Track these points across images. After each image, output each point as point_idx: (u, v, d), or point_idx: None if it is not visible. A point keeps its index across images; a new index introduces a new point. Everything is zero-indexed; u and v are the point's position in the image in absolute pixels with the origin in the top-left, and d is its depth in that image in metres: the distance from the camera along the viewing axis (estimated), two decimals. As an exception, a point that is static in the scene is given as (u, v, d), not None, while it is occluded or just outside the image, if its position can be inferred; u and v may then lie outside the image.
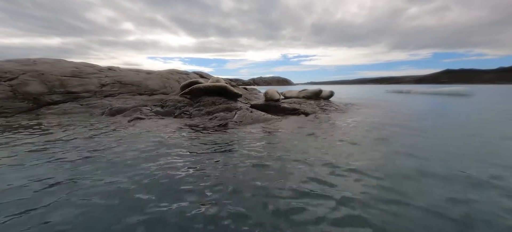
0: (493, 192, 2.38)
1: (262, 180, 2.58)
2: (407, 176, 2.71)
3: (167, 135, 4.72)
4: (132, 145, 3.98)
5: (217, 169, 2.92)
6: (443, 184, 2.51)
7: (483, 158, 3.36)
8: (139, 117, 6.54)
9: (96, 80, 10.20)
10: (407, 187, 2.45)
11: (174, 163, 3.12)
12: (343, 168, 2.90)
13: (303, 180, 2.59)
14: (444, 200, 2.20)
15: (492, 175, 2.73)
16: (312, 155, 3.40)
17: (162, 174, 2.77)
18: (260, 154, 3.50)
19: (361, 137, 4.53)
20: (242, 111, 6.70)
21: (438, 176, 2.71)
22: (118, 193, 2.33)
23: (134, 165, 3.05)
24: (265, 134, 4.86)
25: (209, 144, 4.08)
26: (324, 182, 2.52)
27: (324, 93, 9.69)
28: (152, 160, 3.22)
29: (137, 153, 3.53)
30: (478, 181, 2.58)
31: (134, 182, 2.55)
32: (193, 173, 2.82)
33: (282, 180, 2.60)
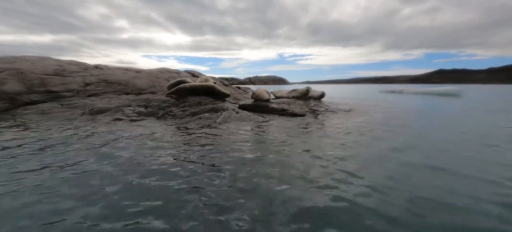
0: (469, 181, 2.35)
1: (235, 188, 2.32)
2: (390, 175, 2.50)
3: (141, 139, 4.42)
4: (98, 153, 3.68)
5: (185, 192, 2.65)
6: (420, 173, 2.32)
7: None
8: (119, 118, 6.21)
9: (80, 79, 9.80)
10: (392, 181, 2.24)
11: (130, 175, 2.84)
12: (326, 171, 2.66)
13: (278, 183, 2.34)
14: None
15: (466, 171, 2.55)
16: (291, 158, 3.16)
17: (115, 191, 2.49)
18: (235, 158, 3.24)
19: (347, 139, 4.30)
20: (228, 112, 6.43)
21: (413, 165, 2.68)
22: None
23: (83, 185, 2.75)
24: (248, 136, 4.59)
25: (184, 149, 3.80)
26: (295, 188, 2.28)
27: (315, 94, 9.46)
28: (110, 177, 2.92)
29: (96, 165, 3.23)
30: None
31: (83, 202, 2.26)
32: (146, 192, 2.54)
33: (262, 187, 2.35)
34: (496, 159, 3.35)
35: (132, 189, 2.41)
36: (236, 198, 2.21)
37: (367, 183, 2.51)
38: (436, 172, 2.89)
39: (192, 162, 3.14)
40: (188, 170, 2.87)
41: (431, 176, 2.78)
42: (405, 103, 12.91)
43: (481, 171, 2.89)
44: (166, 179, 2.60)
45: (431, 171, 2.92)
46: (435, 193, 2.32)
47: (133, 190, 2.38)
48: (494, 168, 3.01)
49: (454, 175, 2.79)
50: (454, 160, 3.32)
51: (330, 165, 3.03)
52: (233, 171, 2.84)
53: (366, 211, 2.02)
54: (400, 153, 3.60)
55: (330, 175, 2.72)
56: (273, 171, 2.84)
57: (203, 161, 3.17)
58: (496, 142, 4.31)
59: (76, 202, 2.14)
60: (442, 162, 3.21)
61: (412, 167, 3.05)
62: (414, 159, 3.33)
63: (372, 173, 2.78)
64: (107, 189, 2.38)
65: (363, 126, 5.62)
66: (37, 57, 11.39)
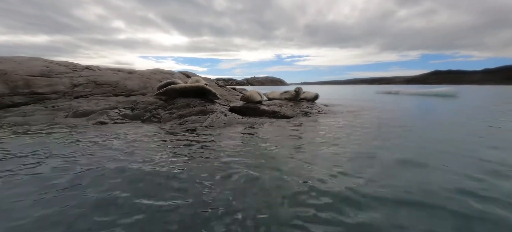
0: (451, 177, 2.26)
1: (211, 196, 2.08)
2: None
3: (120, 145, 4.16)
4: (68, 161, 3.41)
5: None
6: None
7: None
8: (102, 122, 5.94)
9: (67, 80, 9.50)
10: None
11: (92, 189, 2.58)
12: (309, 175, 2.42)
13: (254, 187, 2.10)
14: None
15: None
16: (275, 163, 2.92)
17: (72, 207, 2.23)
18: (212, 169, 2.99)
19: (338, 142, 4.07)
20: (216, 114, 6.18)
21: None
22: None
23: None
24: (232, 142, 4.34)
25: (158, 158, 3.54)
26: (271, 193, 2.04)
27: (308, 95, 9.24)
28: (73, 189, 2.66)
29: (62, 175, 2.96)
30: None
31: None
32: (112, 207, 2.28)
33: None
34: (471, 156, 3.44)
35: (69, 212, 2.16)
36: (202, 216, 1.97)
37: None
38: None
39: (159, 175, 2.84)
40: (150, 183, 2.61)
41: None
42: (400, 104, 12.75)
43: (453, 165, 3.08)
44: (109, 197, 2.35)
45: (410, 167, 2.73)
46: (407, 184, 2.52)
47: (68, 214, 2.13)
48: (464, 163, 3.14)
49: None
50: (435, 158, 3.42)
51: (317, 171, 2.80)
52: (207, 187, 2.60)
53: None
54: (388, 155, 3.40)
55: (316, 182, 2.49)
56: (252, 187, 2.59)
57: (174, 173, 2.90)
58: (475, 145, 4.13)
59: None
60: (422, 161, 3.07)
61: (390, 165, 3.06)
62: (394, 157, 3.37)
63: (365, 185, 2.56)
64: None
65: (353, 130, 5.40)
66: (27, 57, 11.08)
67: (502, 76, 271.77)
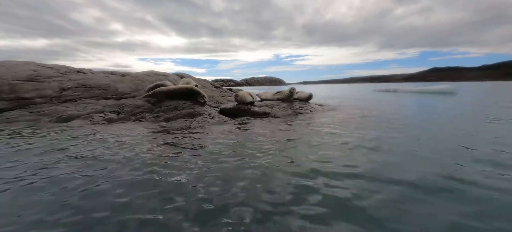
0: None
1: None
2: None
3: (90, 151, 3.89)
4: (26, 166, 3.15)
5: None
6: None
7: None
8: (82, 126, 5.68)
9: (55, 84, 9.25)
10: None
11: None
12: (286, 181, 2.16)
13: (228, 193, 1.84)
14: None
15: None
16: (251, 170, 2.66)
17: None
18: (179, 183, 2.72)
19: (325, 146, 3.81)
20: (202, 117, 5.92)
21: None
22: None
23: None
24: (214, 147, 4.07)
25: (125, 165, 3.28)
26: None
27: (302, 95, 8.97)
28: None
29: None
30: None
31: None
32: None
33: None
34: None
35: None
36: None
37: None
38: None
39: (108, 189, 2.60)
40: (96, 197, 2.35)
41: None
42: (396, 103, 12.47)
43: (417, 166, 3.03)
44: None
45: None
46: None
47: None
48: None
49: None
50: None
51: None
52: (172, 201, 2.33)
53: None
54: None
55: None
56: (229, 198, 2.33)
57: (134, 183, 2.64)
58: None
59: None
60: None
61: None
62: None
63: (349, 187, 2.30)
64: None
65: (342, 131, 5.12)
66: (18, 62, 10.87)
67: (501, 72, 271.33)
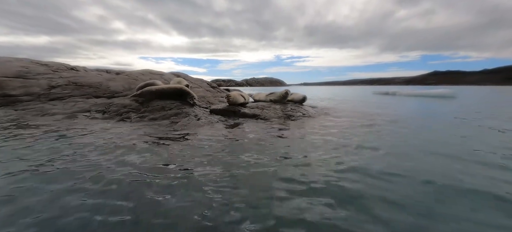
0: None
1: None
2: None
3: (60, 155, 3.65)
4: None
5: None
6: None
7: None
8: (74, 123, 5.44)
9: (44, 82, 9.03)
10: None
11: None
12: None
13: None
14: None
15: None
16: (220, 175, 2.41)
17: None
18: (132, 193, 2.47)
19: (307, 152, 3.55)
20: (188, 118, 5.67)
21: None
22: None
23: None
24: (192, 152, 3.83)
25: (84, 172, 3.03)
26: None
27: (296, 97, 8.72)
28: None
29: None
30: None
31: None
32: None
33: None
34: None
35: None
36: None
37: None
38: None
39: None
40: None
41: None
42: (393, 106, 12.19)
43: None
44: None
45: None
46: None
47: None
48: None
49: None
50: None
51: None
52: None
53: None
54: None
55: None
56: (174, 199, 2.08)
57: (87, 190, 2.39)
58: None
59: None
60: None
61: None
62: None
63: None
64: None
65: (330, 137, 4.86)
66: (11, 58, 10.68)
67: (501, 77, 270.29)
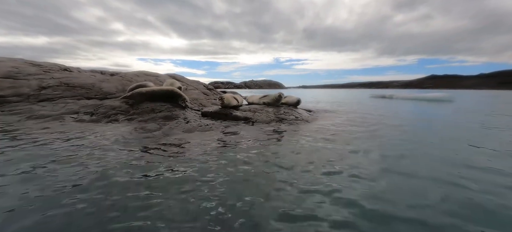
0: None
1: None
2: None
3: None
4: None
5: None
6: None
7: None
8: (47, 127, 5.28)
9: (35, 82, 8.85)
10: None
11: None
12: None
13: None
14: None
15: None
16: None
17: None
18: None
19: (294, 162, 3.41)
20: (177, 121, 5.52)
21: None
22: None
23: None
24: (166, 151, 3.68)
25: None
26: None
27: (290, 100, 8.59)
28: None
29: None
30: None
31: None
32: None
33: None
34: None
35: None
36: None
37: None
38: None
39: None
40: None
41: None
42: (388, 109, 12.10)
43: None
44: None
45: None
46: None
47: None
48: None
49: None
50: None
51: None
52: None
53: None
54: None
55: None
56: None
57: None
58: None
59: None
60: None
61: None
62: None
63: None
64: None
65: (318, 143, 4.73)
66: (4, 58, 10.50)
67: (497, 81, 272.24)
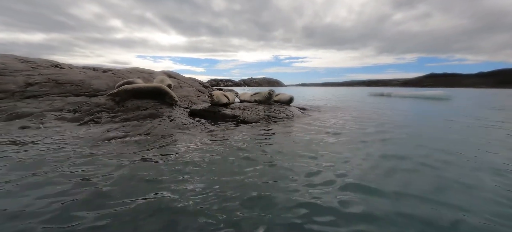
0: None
1: None
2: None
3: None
4: None
5: None
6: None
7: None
8: (26, 126, 5.05)
9: (21, 79, 8.59)
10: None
11: None
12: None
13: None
14: None
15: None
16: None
17: None
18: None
19: (274, 160, 3.20)
20: (160, 119, 5.30)
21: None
22: None
23: None
24: (137, 154, 3.46)
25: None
26: None
27: (282, 97, 8.37)
28: None
29: None
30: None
31: None
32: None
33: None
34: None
35: None
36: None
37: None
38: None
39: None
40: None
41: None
42: (385, 108, 11.87)
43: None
44: None
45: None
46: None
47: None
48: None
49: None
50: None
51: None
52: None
53: None
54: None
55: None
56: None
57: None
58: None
59: None
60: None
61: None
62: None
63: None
64: None
65: (306, 141, 4.51)
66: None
67: (496, 80, 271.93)
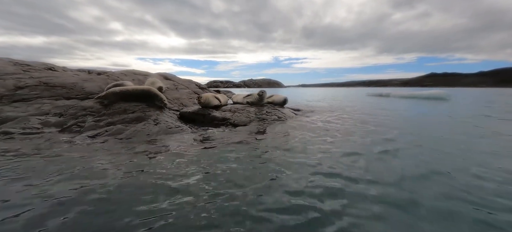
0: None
1: None
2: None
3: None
4: None
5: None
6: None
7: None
8: (6, 131, 4.86)
9: (11, 82, 8.41)
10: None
11: None
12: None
13: None
14: None
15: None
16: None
17: None
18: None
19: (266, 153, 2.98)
20: (144, 123, 5.09)
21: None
22: None
23: None
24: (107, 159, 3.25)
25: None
26: None
27: (276, 99, 8.16)
28: None
29: None
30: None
31: None
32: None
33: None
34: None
35: None
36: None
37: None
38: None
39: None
40: None
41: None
42: (382, 108, 11.62)
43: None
44: None
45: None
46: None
47: None
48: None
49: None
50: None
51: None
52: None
53: None
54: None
55: None
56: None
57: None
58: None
59: None
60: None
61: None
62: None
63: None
64: None
65: (294, 140, 4.29)
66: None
67: (495, 79, 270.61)
